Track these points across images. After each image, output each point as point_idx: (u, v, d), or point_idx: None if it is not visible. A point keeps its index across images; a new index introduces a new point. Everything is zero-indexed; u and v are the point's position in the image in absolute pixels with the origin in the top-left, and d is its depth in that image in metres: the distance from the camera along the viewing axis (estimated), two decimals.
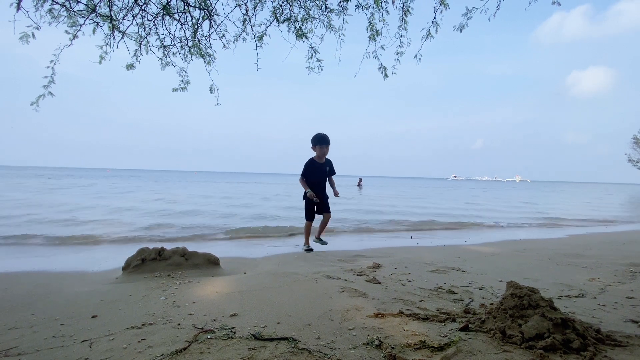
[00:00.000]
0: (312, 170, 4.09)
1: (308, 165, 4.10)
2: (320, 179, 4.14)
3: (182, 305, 1.88)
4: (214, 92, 3.19)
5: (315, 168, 4.10)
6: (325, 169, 4.15)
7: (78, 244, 4.40)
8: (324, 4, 2.94)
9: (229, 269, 2.86)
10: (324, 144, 4.05)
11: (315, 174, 4.10)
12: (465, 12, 2.75)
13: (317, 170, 4.10)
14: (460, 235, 5.69)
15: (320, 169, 4.11)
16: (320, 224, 4.18)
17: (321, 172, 4.12)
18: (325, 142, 4.05)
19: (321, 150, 4.04)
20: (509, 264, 3.19)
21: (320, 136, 4.04)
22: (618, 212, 11.93)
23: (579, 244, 4.64)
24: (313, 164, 4.10)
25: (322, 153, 4.05)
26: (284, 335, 1.47)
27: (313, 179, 4.08)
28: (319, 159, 4.10)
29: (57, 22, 2.49)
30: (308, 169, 4.09)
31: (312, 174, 4.09)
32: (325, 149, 4.05)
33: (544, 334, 1.32)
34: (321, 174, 4.13)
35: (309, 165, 4.10)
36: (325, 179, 4.19)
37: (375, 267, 2.92)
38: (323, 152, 4.05)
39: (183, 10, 2.83)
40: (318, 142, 4.05)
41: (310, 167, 4.10)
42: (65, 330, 1.55)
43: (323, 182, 4.16)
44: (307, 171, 4.09)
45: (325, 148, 4.06)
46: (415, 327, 1.54)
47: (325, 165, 4.15)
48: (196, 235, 5.31)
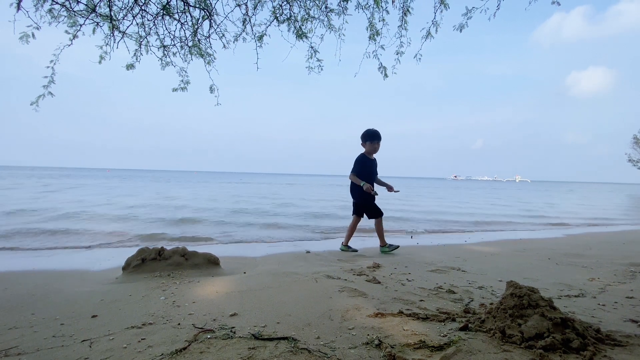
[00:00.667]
0: (364, 167, 3.83)
1: (360, 160, 3.83)
2: (373, 177, 3.90)
3: (182, 305, 1.88)
4: (214, 92, 3.19)
5: (368, 164, 3.85)
6: (376, 166, 3.92)
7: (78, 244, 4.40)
8: (324, 3, 2.94)
9: (229, 269, 2.86)
10: (376, 140, 3.80)
11: (367, 171, 3.84)
12: (465, 12, 2.75)
13: (368, 167, 3.85)
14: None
15: (372, 166, 3.88)
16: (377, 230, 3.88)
17: (372, 169, 3.88)
18: (377, 137, 3.80)
19: (372, 146, 3.80)
20: (508, 264, 3.19)
21: (372, 131, 3.79)
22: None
23: (578, 244, 4.64)
24: (366, 160, 3.84)
25: (373, 149, 3.82)
26: (284, 335, 1.47)
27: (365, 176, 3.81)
28: (369, 154, 3.85)
29: (57, 22, 2.50)
30: (360, 165, 3.82)
31: (364, 171, 3.82)
32: (376, 145, 3.81)
33: (543, 333, 1.32)
34: (372, 172, 3.89)
35: (361, 161, 3.83)
36: (375, 176, 3.95)
37: (375, 266, 2.92)
38: (374, 148, 3.81)
39: (183, 10, 2.83)
40: (369, 137, 3.79)
41: (363, 162, 3.83)
42: (65, 330, 1.55)
43: (374, 180, 3.92)
44: (360, 167, 3.82)
45: (377, 144, 3.81)
46: (415, 326, 1.54)
47: (375, 162, 3.92)
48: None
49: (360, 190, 3.76)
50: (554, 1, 2.60)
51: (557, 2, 2.58)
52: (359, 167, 3.82)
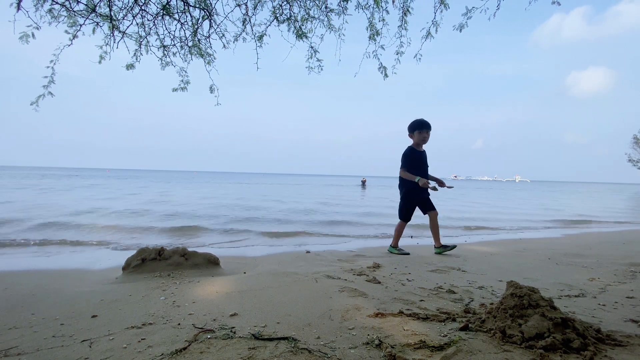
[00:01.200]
0: (414, 160, 3.54)
1: (408, 154, 3.54)
2: (424, 170, 3.59)
3: (182, 305, 1.88)
4: (214, 92, 3.19)
5: (417, 157, 3.55)
6: (426, 158, 3.63)
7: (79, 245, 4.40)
8: (324, 3, 2.94)
9: (228, 269, 2.86)
10: (425, 129, 3.51)
11: (417, 164, 3.55)
12: (465, 11, 2.75)
13: (418, 160, 3.56)
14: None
15: (422, 158, 3.59)
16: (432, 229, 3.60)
17: (424, 162, 3.59)
18: (426, 126, 3.51)
19: (420, 136, 3.52)
20: (509, 264, 3.19)
21: (420, 120, 3.52)
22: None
23: (579, 244, 4.64)
24: (414, 152, 3.55)
25: (421, 139, 3.54)
26: (284, 335, 1.47)
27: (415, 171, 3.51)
28: (417, 146, 3.57)
29: (57, 22, 2.50)
30: (409, 158, 3.54)
31: (414, 165, 3.54)
32: (426, 135, 3.53)
33: (544, 333, 1.32)
34: (423, 164, 3.59)
35: (409, 154, 3.54)
36: (426, 168, 3.63)
37: (375, 266, 2.92)
38: (423, 138, 3.53)
39: (183, 10, 2.83)
40: (418, 126, 3.51)
41: (412, 155, 3.54)
42: (65, 330, 1.55)
43: (425, 173, 3.59)
44: (409, 161, 3.54)
45: (426, 133, 3.53)
46: (415, 326, 1.54)
47: (425, 155, 3.63)
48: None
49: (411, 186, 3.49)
50: (554, 1, 2.60)
51: (557, 2, 2.58)
52: (409, 160, 3.54)
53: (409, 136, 3.61)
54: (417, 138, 3.55)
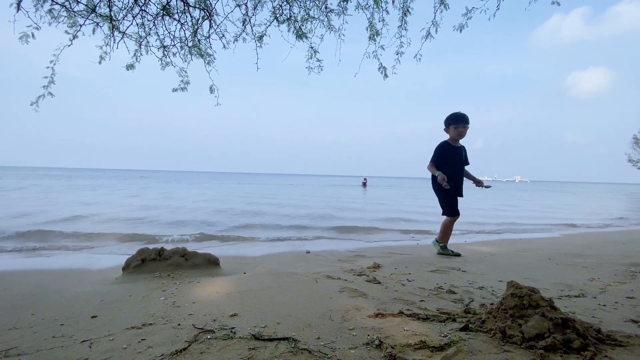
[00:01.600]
0: (446, 155, 3.32)
1: (439, 148, 3.34)
2: (457, 167, 3.36)
3: (182, 305, 1.88)
4: (214, 92, 3.20)
5: (450, 152, 3.32)
6: (462, 155, 3.40)
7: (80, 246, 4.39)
8: (324, 4, 2.94)
9: (228, 269, 2.86)
10: (461, 123, 3.27)
11: (449, 160, 3.32)
12: (465, 12, 2.75)
13: (451, 155, 3.32)
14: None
15: (456, 154, 3.35)
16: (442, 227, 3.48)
17: (457, 158, 3.36)
18: (463, 120, 3.27)
19: (456, 131, 3.29)
20: (509, 264, 3.19)
21: (457, 114, 3.29)
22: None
23: (579, 244, 4.64)
24: (447, 147, 3.34)
25: (458, 135, 3.31)
26: (284, 335, 1.46)
27: (447, 167, 3.29)
28: (453, 141, 3.36)
29: (57, 22, 2.50)
30: (440, 154, 3.34)
31: (446, 160, 3.32)
32: (462, 130, 3.28)
33: (544, 333, 1.32)
34: (458, 160, 3.36)
35: (440, 149, 3.34)
36: (462, 166, 3.41)
37: (375, 267, 2.92)
38: (459, 133, 3.30)
39: (183, 11, 2.83)
40: (453, 120, 3.28)
41: (443, 151, 3.33)
42: (65, 330, 1.55)
43: (461, 171, 3.40)
44: (439, 156, 3.34)
45: (462, 128, 3.28)
46: (416, 327, 1.54)
47: (462, 151, 3.40)
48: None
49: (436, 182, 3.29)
50: (553, 1, 2.60)
51: (556, 2, 2.58)
52: (437, 155, 3.34)
53: (445, 131, 3.38)
54: (452, 133, 3.32)
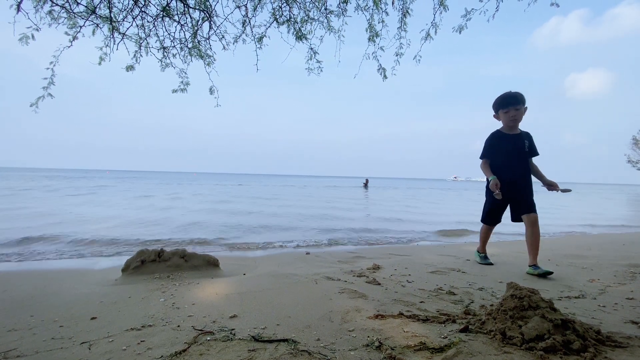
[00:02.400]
0: (498, 147, 2.78)
1: (488, 140, 2.84)
2: (513, 160, 2.75)
3: (181, 306, 1.88)
4: (214, 94, 3.20)
5: (503, 143, 2.77)
6: (523, 144, 2.75)
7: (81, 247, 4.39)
8: (324, 5, 2.95)
9: (228, 271, 2.86)
10: (511, 105, 2.69)
11: (503, 152, 2.76)
12: (464, 13, 2.76)
13: (505, 147, 2.76)
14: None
15: (512, 144, 2.75)
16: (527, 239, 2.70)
17: (513, 149, 2.74)
18: (514, 101, 2.67)
19: (507, 115, 2.71)
20: (509, 265, 3.19)
21: (503, 95, 2.72)
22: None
23: (578, 245, 4.64)
24: (498, 137, 2.80)
25: (510, 120, 2.71)
26: (284, 336, 1.46)
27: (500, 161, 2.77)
28: (508, 129, 2.79)
29: (56, 23, 2.50)
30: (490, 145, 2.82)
31: (498, 153, 2.78)
32: (514, 113, 2.68)
33: (544, 335, 1.32)
34: (514, 152, 2.75)
35: (490, 139, 2.83)
36: (522, 158, 2.76)
37: (375, 268, 2.92)
38: (511, 118, 2.70)
39: (183, 12, 2.84)
40: (500, 104, 2.74)
41: (494, 141, 2.80)
42: (65, 332, 1.55)
43: (518, 165, 2.75)
44: (490, 148, 2.83)
45: (515, 111, 2.68)
46: (415, 328, 1.54)
47: (522, 139, 2.75)
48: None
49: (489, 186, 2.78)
50: (552, 2, 2.61)
51: (555, 3, 2.58)
52: (486, 148, 2.83)
53: (495, 117, 2.84)
54: (503, 119, 2.75)
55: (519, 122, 2.75)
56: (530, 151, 2.77)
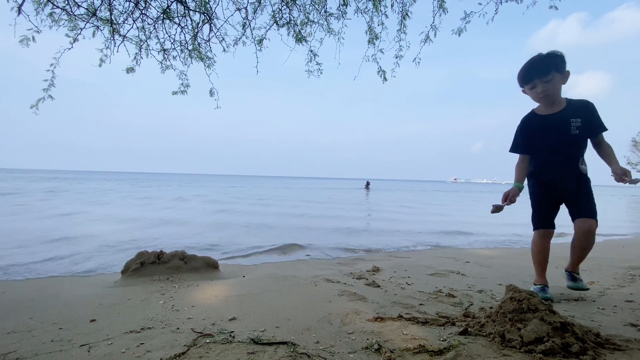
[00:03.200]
0: (533, 135, 2.12)
1: (519, 127, 2.19)
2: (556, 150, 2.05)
3: (181, 309, 1.88)
4: (214, 95, 3.21)
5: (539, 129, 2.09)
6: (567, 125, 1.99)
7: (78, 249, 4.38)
8: (324, 8, 2.96)
9: (228, 273, 2.86)
10: (536, 77, 2.00)
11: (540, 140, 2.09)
12: (463, 16, 2.77)
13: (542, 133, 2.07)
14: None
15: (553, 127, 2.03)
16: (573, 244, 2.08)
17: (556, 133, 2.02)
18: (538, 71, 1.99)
19: (534, 93, 2.06)
20: (508, 267, 3.19)
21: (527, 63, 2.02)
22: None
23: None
24: (530, 122, 2.14)
25: (539, 97, 2.05)
26: (283, 339, 1.46)
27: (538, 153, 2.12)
28: (545, 107, 2.08)
29: (57, 25, 2.51)
30: (521, 134, 2.17)
31: (534, 142, 2.12)
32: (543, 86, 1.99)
33: (543, 337, 1.32)
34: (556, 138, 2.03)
35: (522, 127, 2.18)
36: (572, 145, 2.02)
37: (374, 270, 2.92)
38: (539, 94, 2.03)
39: (183, 14, 2.85)
40: (524, 77, 2.06)
41: (526, 128, 2.16)
42: (64, 334, 1.55)
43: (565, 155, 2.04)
44: (520, 138, 2.18)
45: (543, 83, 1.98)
46: (415, 331, 1.54)
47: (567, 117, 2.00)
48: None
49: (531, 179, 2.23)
50: (551, 5, 2.62)
51: (554, 6, 2.60)
52: (516, 138, 2.21)
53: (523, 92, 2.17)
54: (532, 96, 2.09)
55: (555, 97, 2.02)
56: (586, 130, 1.97)
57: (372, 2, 2.90)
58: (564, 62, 1.99)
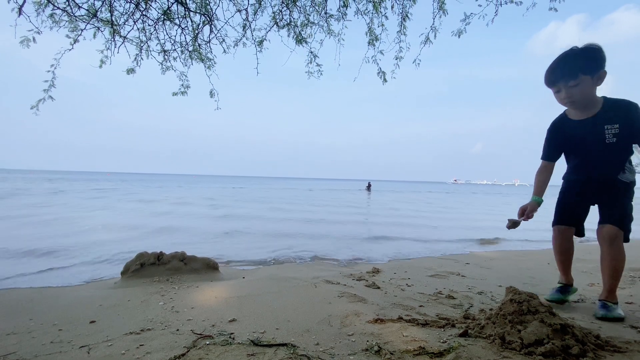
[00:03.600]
0: (563, 141, 1.94)
1: (549, 133, 1.99)
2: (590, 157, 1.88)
3: (180, 310, 1.87)
4: (214, 97, 3.21)
5: (569, 135, 1.91)
6: (601, 132, 1.77)
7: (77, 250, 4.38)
8: (324, 9, 2.96)
9: (228, 274, 2.86)
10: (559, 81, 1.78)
11: (569, 146, 1.94)
12: (463, 17, 2.77)
13: (572, 139, 1.90)
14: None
15: (586, 133, 1.82)
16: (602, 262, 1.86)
17: (589, 141, 1.82)
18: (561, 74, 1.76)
19: (559, 97, 1.84)
20: (508, 269, 3.19)
21: (551, 65, 1.79)
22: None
23: (578, 249, 4.62)
24: (560, 127, 1.94)
25: (565, 102, 1.83)
26: (283, 341, 1.46)
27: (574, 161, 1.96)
28: (577, 111, 1.85)
29: (58, 26, 2.51)
30: (550, 141, 1.99)
31: (561, 148, 1.97)
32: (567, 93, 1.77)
33: (543, 339, 1.32)
34: (590, 145, 1.84)
35: (551, 133, 1.99)
36: (609, 152, 1.79)
37: (374, 271, 2.92)
38: (565, 99, 1.80)
39: (184, 16, 2.85)
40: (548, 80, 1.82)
41: (555, 134, 1.97)
42: (64, 335, 1.55)
43: (601, 161, 1.84)
44: (550, 145, 1.99)
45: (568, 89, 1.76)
46: (415, 332, 1.54)
47: (602, 123, 1.77)
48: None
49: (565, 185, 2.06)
50: (551, 7, 2.62)
51: (554, 8, 2.60)
52: (546, 146, 2.01)
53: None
54: (558, 100, 1.87)
55: (584, 102, 1.78)
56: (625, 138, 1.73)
57: (372, 3, 2.90)
58: (597, 61, 1.71)
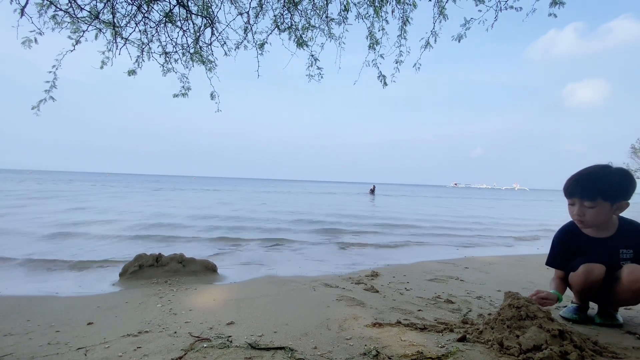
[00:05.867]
0: (572, 252, 1.83)
1: (560, 240, 1.90)
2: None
3: (178, 312, 1.87)
4: (215, 99, 3.22)
5: (581, 249, 1.81)
6: (617, 254, 1.72)
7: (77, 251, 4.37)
8: (325, 13, 2.98)
9: (226, 276, 2.85)
10: (575, 196, 1.73)
11: (579, 256, 1.78)
12: (463, 22, 2.78)
13: (585, 253, 1.78)
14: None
15: (601, 253, 1.74)
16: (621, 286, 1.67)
17: (605, 259, 1.70)
18: (579, 191, 1.71)
19: (570, 210, 1.79)
20: (507, 274, 3.18)
21: (573, 176, 1.74)
22: None
23: None
24: (573, 239, 1.84)
25: (575, 217, 1.77)
26: (281, 344, 1.46)
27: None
28: (594, 229, 1.77)
29: (60, 28, 2.52)
30: (561, 249, 1.88)
31: (572, 257, 1.82)
32: (579, 210, 1.72)
33: (541, 345, 1.32)
34: (603, 262, 1.69)
35: (561, 240, 1.89)
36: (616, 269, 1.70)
37: (373, 275, 2.91)
38: (575, 216, 1.77)
39: (185, 18, 2.86)
40: (566, 188, 1.76)
41: (566, 244, 1.87)
42: (61, 337, 1.54)
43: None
44: (560, 254, 1.87)
45: (582, 207, 1.71)
46: (413, 337, 1.54)
47: (617, 246, 1.73)
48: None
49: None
50: (550, 13, 2.63)
51: (553, 14, 2.61)
52: (554, 254, 1.92)
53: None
54: (569, 213, 1.83)
55: (595, 224, 1.73)
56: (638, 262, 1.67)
57: (373, 7, 2.92)
58: (621, 192, 1.63)
